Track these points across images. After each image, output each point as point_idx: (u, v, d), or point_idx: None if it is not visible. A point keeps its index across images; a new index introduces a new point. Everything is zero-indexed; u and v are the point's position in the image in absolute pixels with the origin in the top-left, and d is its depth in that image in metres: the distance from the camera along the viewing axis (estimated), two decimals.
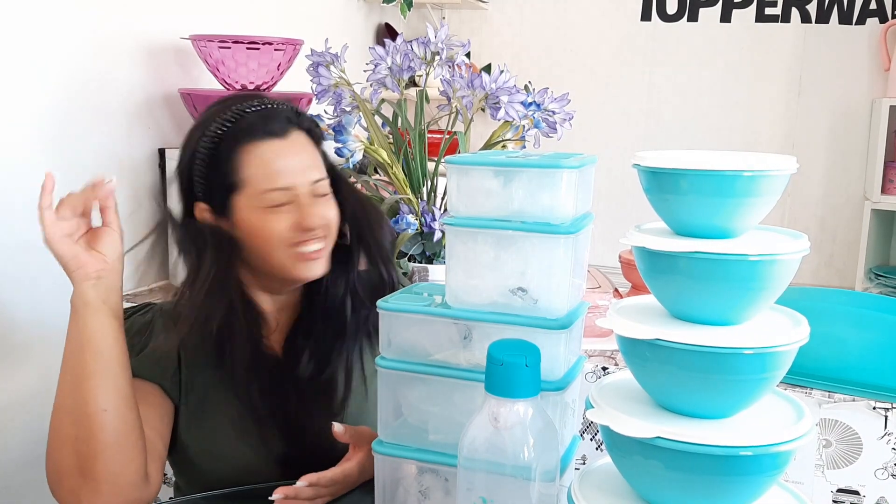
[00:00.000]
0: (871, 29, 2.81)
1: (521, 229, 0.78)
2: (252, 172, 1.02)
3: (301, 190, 1.03)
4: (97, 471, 0.90)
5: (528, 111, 1.49)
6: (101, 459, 0.90)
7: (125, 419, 0.93)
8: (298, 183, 1.03)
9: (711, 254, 0.67)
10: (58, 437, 0.92)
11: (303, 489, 0.94)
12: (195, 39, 1.77)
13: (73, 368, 0.93)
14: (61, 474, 0.91)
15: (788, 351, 0.67)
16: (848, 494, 1.29)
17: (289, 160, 1.04)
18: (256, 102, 1.08)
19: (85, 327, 0.95)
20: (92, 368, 0.92)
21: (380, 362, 0.83)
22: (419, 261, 1.53)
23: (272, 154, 1.03)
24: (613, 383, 0.77)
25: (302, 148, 1.06)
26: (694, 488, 0.67)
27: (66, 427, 0.91)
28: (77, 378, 0.92)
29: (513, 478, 0.66)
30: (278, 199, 1.02)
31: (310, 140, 1.08)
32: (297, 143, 1.06)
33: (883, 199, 2.61)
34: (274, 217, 1.02)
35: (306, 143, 1.07)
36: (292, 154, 1.04)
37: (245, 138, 1.03)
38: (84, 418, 0.91)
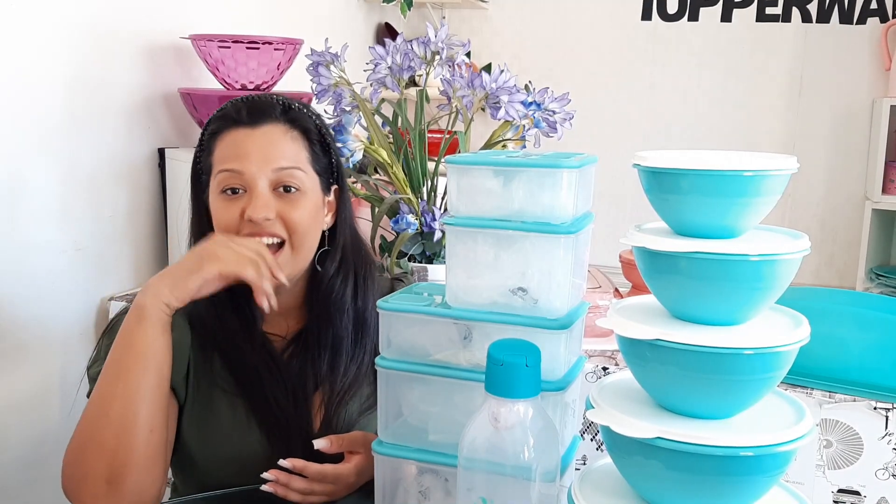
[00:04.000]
0: (872, 29, 2.81)
1: (522, 229, 0.77)
2: (217, 156, 1.05)
3: (254, 178, 1.02)
4: (127, 484, 0.89)
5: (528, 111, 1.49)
6: (134, 474, 0.90)
7: (163, 439, 0.93)
8: (251, 169, 1.02)
9: (712, 254, 0.66)
10: (93, 443, 0.91)
11: (295, 479, 0.94)
12: (195, 39, 1.77)
13: (130, 381, 0.92)
14: (86, 479, 0.90)
15: (789, 351, 0.67)
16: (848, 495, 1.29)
17: (249, 146, 1.03)
18: (255, 95, 1.10)
19: (156, 341, 0.93)
20: (153, 384, 0.92)
21: (380, 362, 0.83)
22: (419, 261, 1.53)
23: (236, 139, 1.04)
24: (613, 383, 0.77)
25: (272, 139, 1.04)
26: (694, 489, 0.67)
27: (105, 436, 0.90)
28: (134, 391, 0.91)
29: (513, 478, 0.66)
30: (229, 182, 1.02)
31: (296, 135, 1.06)
32: (269, 134, 1.04)
33: (883, 199, 2.61)
34: (227, 203, 1.03)
35: (282, 136, 1.05)
36: (256, 142, 1.03)
37: (222, 126, 1.05)
38: (128, 433, 0.90)
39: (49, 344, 1.57)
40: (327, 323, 1.09)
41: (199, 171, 1.09)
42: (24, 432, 1.53)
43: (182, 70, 1.90)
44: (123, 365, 0.92)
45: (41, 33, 1.52)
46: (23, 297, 1.51)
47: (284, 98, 1.09)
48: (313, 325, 1.09)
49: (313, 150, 1.08)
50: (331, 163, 1.11)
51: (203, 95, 1.77)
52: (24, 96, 1.49)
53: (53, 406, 1.58)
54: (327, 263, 1.10)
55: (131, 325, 0.94)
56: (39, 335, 1.55)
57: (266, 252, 0.99)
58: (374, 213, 1.56)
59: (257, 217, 1.01)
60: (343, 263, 1.11)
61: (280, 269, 0.99)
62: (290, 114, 1.07)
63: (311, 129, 1.08)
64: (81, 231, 1.62)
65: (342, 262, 1.11)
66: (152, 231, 1.83)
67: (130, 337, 0.93)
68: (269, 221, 1.02)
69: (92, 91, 1.64)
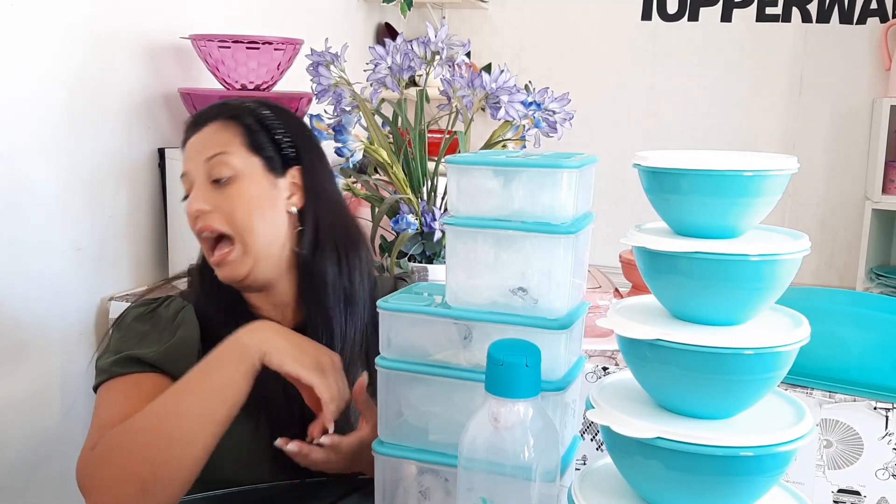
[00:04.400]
0: (872, 29, 2.81)
1: (522, 229, 0.77)
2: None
3: (193, 174, 1.06)
4: (162, 495, 0.89)
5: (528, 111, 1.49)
6: (172, 489, 0.90)
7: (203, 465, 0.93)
8: (190, 168, 1.06)
9: (712, 254, 0.66)
10: (140, 448, 0.90)
11: (315, 449, 0.94)
12: (195, 39, 1.77)
13: (210, 409, 0.92)
14: (121, 480, 0.88)
15: (789, 351, 0.67)
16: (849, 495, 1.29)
17: (188, 149, 1.08)
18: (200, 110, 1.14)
19: (244, 382, 0.93)
20: (225, 419, 0.93)
21: (380, 362, 0.83)
22: (419, 261, 1.53)
23: (186, 147, 1.09)
24: (613, 383, 0.77)
25: (205, 135, 1.07)
26: (694, 489, 0.67)
27: (159, 447, 0.90)
28: (208, 420, 0.91)
29: (513, 478, 0.66)
30: (184, 186, 1.07)
31: (227, 123, 1.07)
32: (207, 131, 1.07)
33: (883, 199, 2.61)
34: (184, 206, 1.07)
35: (212, 131, 1.07)
36: (194, 143, 1.07)
37: (184, 139, 1.10)
38: (187, 453, 0.90)
39: (49, 344, 1.57)
40: (319, 309, 1.08)
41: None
42: (24, 432, 1.53)
43: (182, 70, 1.90)
44: (207, 392, 0.92)
45: (41, 33, 1.52)
46: (23, 297, 1.51)
47: (225, 101, 1.12)
48: (310, 317, 1.09)
49: (250, 133, 1.08)
50: (276, 143, 1.09)
51: (203, 95, 1.77)
52: (24, 96, 1.49)
53: (53, 406, 1.58)
54: (303, 244, 1.09)
55: (227, 357, 0.94)
56: (39, 335, 1.55)
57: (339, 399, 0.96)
58: (374, 213, 1.56)
59: (189, 210, 1.04)
60: (319, 241, 1.09)
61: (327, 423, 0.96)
62: (224, 109, 1.09)
63: (245, 116, 1.09)
64: (81, 231, 1.62)
65: (317, 240, 1.09)
66: (152, 231, 1.83)
67: (221, 367, 0.93)
68: (205, 214, 1.03)
69: (92, 91, 1.64)
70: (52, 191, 1.55)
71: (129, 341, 1.05)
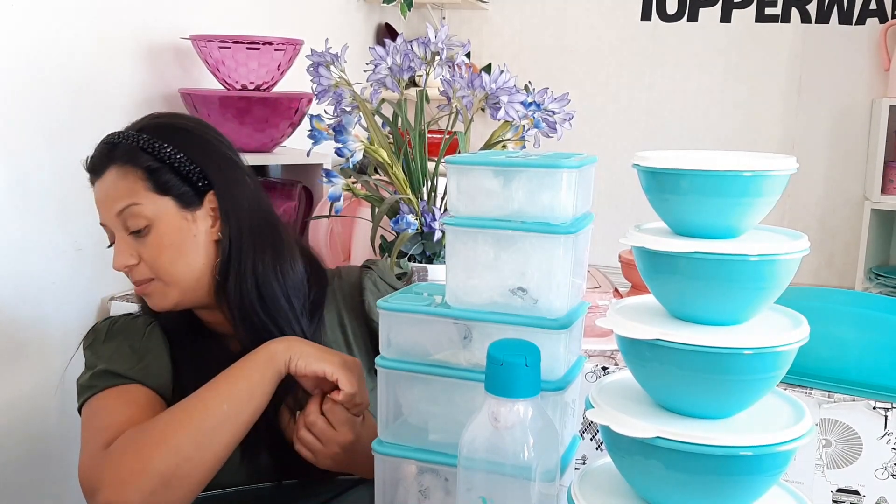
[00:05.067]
0: (871, 29, 2.81)
1: (521, 229, 0.78)
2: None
3: (111, 227, 1.04)
4: (181, 490, 0.90)
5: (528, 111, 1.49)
6: (190, 486, 0.90)
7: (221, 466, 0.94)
8: (106, 220, 1.05)
9: (711, 254, 0.67)
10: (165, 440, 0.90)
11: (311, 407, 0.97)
12: (195, 39, 1.77)
13: (236, 408, 0.93)
14: (140, 474, 0.88)
15: (788, 351, 0.67)
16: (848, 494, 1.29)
17: (98, 199, 1.05)
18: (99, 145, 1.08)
19: (269, 386, 0.95)
20: (250, 420, 0.94)
21: (380, 362, 0.83)
22: (419, 261, 1.53)
23: (94, 195, 1.06)
24: (613, 383, 0.77)
25: (108, 185, 1.03)
26: (694, 488, 0.67)
27: (184, 441, 0.90)
28: (234, 418, 0.93)
29: (513, 478, 0.66)
30: (108, 235, 1.06)
31: (126, 170, 1.02)
32: (107, 180, 1.04)
33: (883, 199, 2.61)
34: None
35: (113, 180, 1.03)
36: (100, 194, 1.05)
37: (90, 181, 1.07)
38: (209, 450, 0.91)
39: (49, 344, 1.57)
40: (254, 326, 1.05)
41: None
42: (24, 432, 1.53)
43: (182, 70, 1.90)
44: (235, 391, 0.94)
45: (42, 33, 1.52)
46: (23, 297, 1.51)
47: (119, 134, 1.05)
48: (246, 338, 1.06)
49: (151, 175, 1.02)
50: (183, 176, 1.04)
51: (203, 96, 1.78)
52: (24, 96, 1.49)
53: (53, 406, 1.58)
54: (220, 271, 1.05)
55: (257, 362, 0.96)
56: (39, 335, 1.55)
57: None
58: (374, 214, 1.56)
59: (117, 267, 1.04)
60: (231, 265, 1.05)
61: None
62: (115, 152, 1.03)
63: (140, 158, 1.02)
64: (81, 231, 1.62)
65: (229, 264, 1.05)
66: None
67: (250, 370, 0.95)
68: (133, 267, 1.04)
69: (93, 91, 1.64)
70: (53, 191, 1.55)
71: (104, 357, 1.05)
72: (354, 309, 1.15)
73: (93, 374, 1.03)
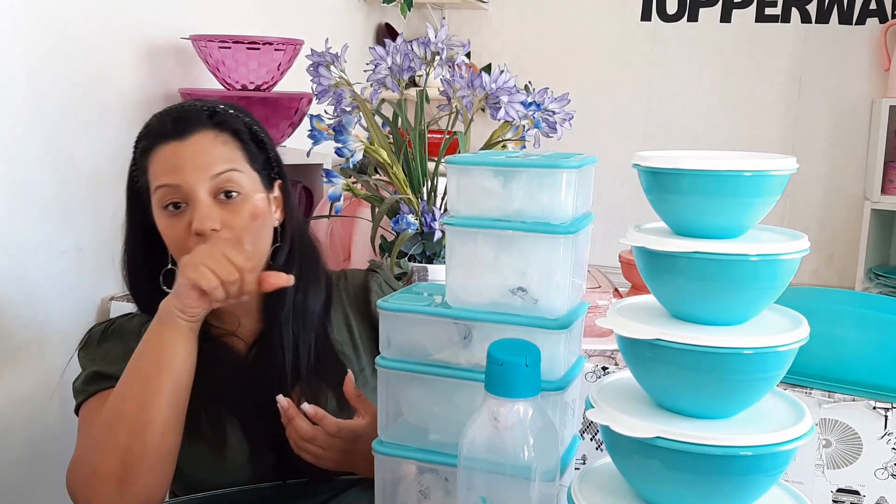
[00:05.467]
0: (871, 29, 2.81)
1: (521, 229, 0.78)
2: (152, 173, 1.03)
3: (193, 189, 0.99)
4: (138, 484, 0.90)
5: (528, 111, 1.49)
6: (146, 475, 0.90)
7: (176, 442, 0.94)
8: (188, 181, 0.99)
9: (711, 254, 0.67)
10: (106, 442, 0.91)
11: (301, 419, 0.96)
12: (195, 39, 1.77)
13: (147, 383, 0.92)
14: (98, 479, 0.90)
15: (788, 351, 0.67)
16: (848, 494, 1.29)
17: (181, 159, 1.00)
18: (179, 105, 1.07)
19: (172, 346, 0.94)
20: (167, 388, 0.93)
21: (380, 362, 0.83)
22: (419, 261, 1.53)
23: (167, 154, 1.01)
24: (613, 383, 0.77)
25: (203, 147, 1.01)
26: (694, 488, 0.67)
27: (119, 435, 0.91)
28: (148, 393, 0.92)
29: (513, 478, 0.66)
30: (168, 197, 1.00)
31: (226, 138, 1.03)
32: (201, 142, 1.02)
33: (883, 199, 2.61)
34: (171, 219, 1.01)
35: (212, 142, 1.02)
36: (187, 153, 1.01)
37: (151, 143, 1.03)
38: (142, 433, 0.91)
39: (49, 344, 1.57)
40: (274, 321, 1.08)
41: (139, 190, 1.07)
42: (24, 432, 1.53)
43: (183, 70, 1.90)
44: (141, 367, 0.94)
45: (42, 34, 1.52)
46: (23, 297, 1.51)
47: (208, 102, 1.07)
48: (270, 325, 1.08)
49: (247, 149, 1.05)
50: (268, 158, 1.08)
51: (204, 96, 1.78)
52: (25, 96, 1.49)
53: (53, 406, 1.58)
54: (279, 257, 1.09)
55: (152, 329, 0.95)
56: (40, 335, 1.55)
57: (240, 263, 0.94)
58: (374, 214, 1.56)
59: (202, 228, 0.98)
60: (290, 258, 1.09)
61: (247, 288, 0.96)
62: (217, 118, 1.04)
63: (240, 128, 1.05)
64: (82, 231, 1.62)
65: (290, 257, 1.09)
66: None
67: (148, 341, 0.95)
68: (216, 232, 1.00)
69: (93, 91, 1.64)
70: (53, 191, 1.56)
71: (96, 359, 1.05)
72: (361, 310, 1.17)
73: (85, 378, 1.03)
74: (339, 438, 0.97)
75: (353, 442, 0.98)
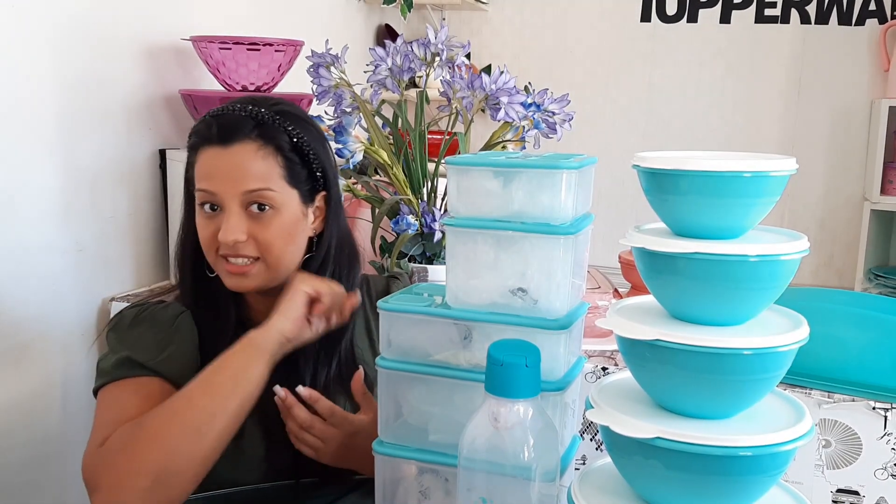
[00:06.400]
0: (871, 30, 2.81)
1: (521, 230, 0.78)
2: (196, 171, 1.05)
3: (226, 198, 1.01)
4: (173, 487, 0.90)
5: (527, 112, 1.49)
6: (183, 485, 0.90)
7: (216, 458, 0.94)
8: (222, 191, 1.01)
9: (711, 254, 0.67)
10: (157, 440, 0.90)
11: (299, 407, 0.96)
12: (196, 40, 1.77)
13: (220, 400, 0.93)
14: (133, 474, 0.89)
15: (788, 351, 0.67)
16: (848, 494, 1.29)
17: (219, 166, 1.02)
18: (230, 108, 1.07)
19: (253, 370, 0.95)
20: (236, 409, 0.94)
21: (380, 362, 0.83)
22: (419, 261, 1.53)
23: (209, 158, 1.03)
24: (613, 383, 0.77)
25: (242, 159, 1.02)
26: (694, 488, 0.67)
27: (173, 438, 0.90)
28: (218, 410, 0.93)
29: (513, 478, 0.67)
30: (206, 199, 1.03)
31: (268, 152, 1.03)
32: (241, 153, 1.02)
33: (882, 200, 2.61)
34: (206, 220, 1.04)
35: (253, 156, 1.02)
36: (226, 163, 1.02)
37: (198, 142, 1.05)
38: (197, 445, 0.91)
39: (50, 344, 1.57)
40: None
41: (189, 180, 1.09)
42: (26, 432, 1.53)
43: (183, 71, 1.90)
44: (215, 382, 0.94)
45: (42, 34, 1.52)
46: (24, 298, 1.51)
47: (259, 109, 1.05)
48: None
49: (288, 164, 1.04)
50: (311, 172, 1.07)
51: (204, 97, 1.78)
52: (25, 97, 1.49)
53: (55, 406, 1.58)
54: (311, 267, 1.10)
55: (238, 351, 0.96)
56: (41, 335, 1.55)
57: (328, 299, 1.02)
58: (374, 214, 1.56)
59: (226, 240, 1.01)
60: (323, 267, 1.10)
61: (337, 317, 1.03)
62: (262, 129, 1.03)
63: (283, 144, 1.04)
64: (83, 232, 1.62)
65: (324, 266, 1.10)
66: (153, 232, 1.83)
67: (231, 361, 0.96)
68: (241, 244, 1.02)
69: (93, 92, 1.64)
70: (54, 191, 1.56)
71: (127, 343, 1.05)
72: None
73: (116, 361, 1.02)
74: (336, 428, 0.97)
75: (353, 436, 0.98)
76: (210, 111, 1.08)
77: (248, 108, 1.05)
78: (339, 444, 0.98)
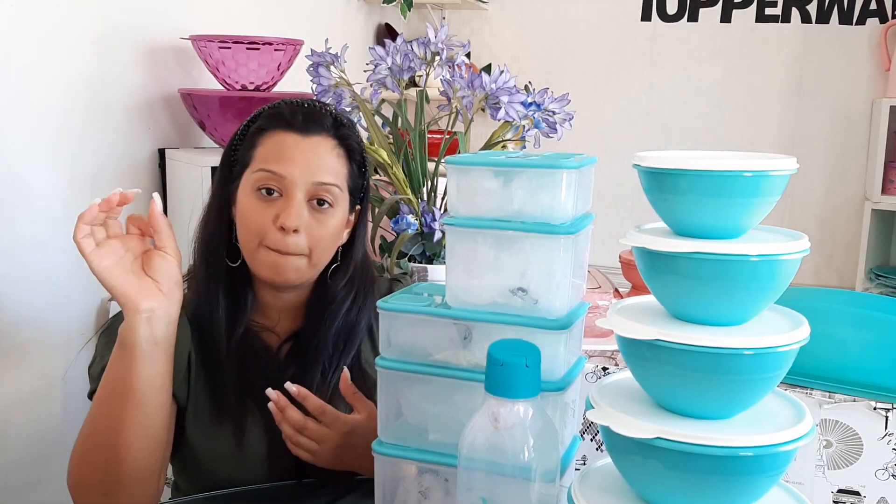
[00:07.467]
0: (871, 29, 2.81)
1: (521, 229, 0.78)
2: (260, 153, 1.04)
3: (293, 185, 1.02)
4: (122, 496, 0.91)
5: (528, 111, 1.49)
6: (127, 489, 0.91)
7: (156, 459, 0.94)
8: (293, 175, 1.02)
9: (711, 254, 0.67)
10: (85, 458, 0.93)
11: (293, 408, 0.96)
12: (195, 40, 1.77)
13: (112, 410, 0.92)
14: (86, 489, 0.93)
15: (789, 351, 0.67)
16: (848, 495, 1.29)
17: (295, 153, 1.03)
18: (308, 101, 1.09)
19: (130, 373, 0.92)
20: (132, 417, 0.92)
21: (380, 362, 0.83)
22: (419, 261, 1.53)
23: (284, 142, 1.04)
24: (613, 383, 0.77)
25: (319, 151, 1.04)
26: (694, 489, 0.67)
27: (96, 454, 0.92)
28: (114, 421, 0.92)
29: (513, 478, 0.66)
30: (266, 182, 1.02)
31: (341, 152, 1.07)
32: (318, 145, 1.04)
33: (883, 200, 2.61)
34: (260, 203, 1.02)
35: (329, 151, 1.05)
36: (304, 151, 1.03)
37: (272, 125, 1.05)
38: (115, 455, 0.91)
39: (49, 344, 1.57)
40: (320, 327, 1.09)
41: (233, 161, 1.08)
42: (26, 432, 1.53)
43: (182, 71, 1.90)
44: (106, 393, 0.94)
45: (42, 34, 1.52)
46: (23, 297, 1.51)
47: (336, 111, 1.09)
48: (309, 327, 1.10)
49: (352, 169, 1.09)
50: (361, 184, 1.12)
51: (203, 96, 1.78)
52: (25, 97, 1.49)
53: (54, 406, 1.58)
54: (337, 277, 1.11)
55: (114, 356, 0.94)
56: (40, 335, 1.55)
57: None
58: (374, 214, 1.56)
59: (289, 224, 1.00)
60: (350, 281, 1.12)
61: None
62: (341, 130, 1.07)
63: (355, 148, 1.09)
64: None
65: (351, 279, 1.12)
66: None
67: (112, 366, 0.94)
68: (295, 234, 1.01)
69: (93, 92, 1.64)
70: (53, 191, 1.56)
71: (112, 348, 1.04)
72: None
73: (102, 367, 1.01)
74: (329, 427, 0.97)
75: (347, 436, 0.98)
76: (284, 100, 1.08)
77: (327, 107, 1.08)
78: (335, 445, 0.98)
